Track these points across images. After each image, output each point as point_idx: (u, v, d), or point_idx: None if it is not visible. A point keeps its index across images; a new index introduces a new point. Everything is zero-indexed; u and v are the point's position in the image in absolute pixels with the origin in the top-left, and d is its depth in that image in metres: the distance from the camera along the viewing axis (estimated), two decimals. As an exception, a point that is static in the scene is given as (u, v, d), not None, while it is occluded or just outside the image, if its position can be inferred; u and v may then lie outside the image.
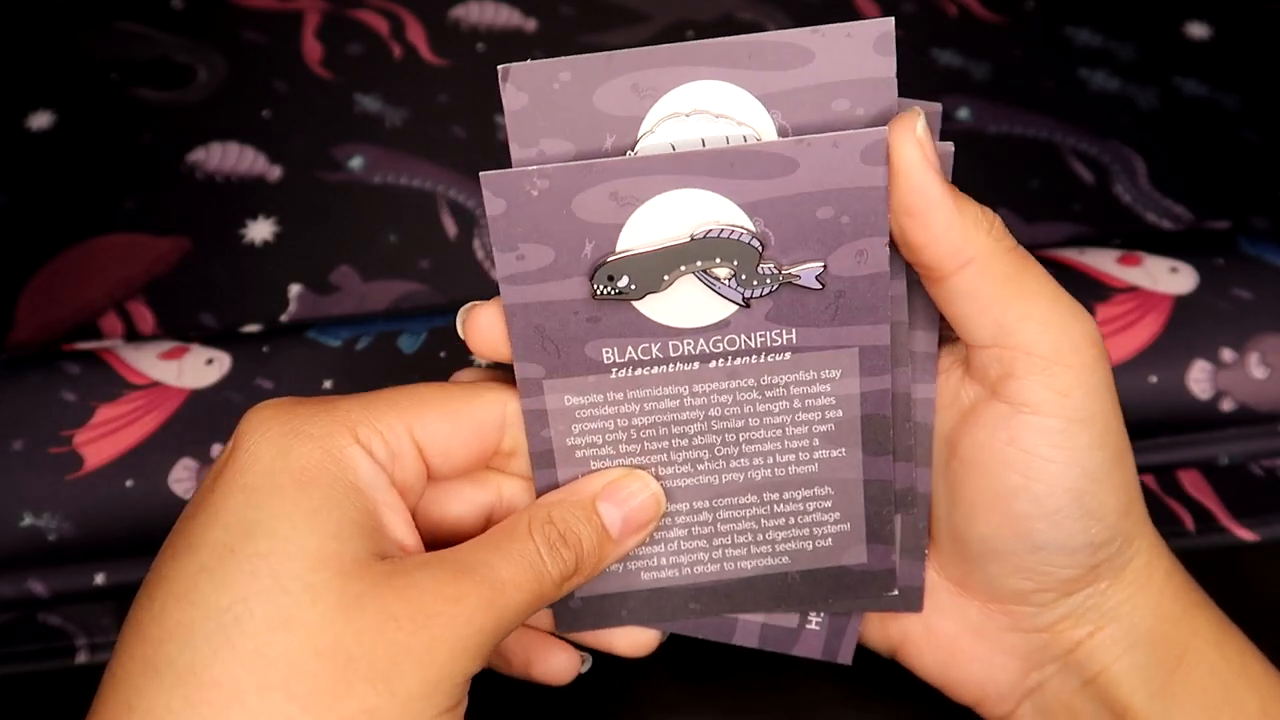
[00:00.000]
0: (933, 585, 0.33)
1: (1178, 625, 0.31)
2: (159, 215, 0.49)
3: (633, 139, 0.29)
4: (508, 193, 0.28)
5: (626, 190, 0.28)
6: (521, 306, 0.29)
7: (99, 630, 0.39)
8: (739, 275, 0.29)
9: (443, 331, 0.42)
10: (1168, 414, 0.42)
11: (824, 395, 0.31)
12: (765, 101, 0.28)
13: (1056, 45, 0.56)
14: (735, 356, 0.30)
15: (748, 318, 0.30)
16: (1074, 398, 0.29)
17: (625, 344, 0.30)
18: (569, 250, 0.29)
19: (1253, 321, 0.42)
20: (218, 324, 0.46)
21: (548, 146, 0.28)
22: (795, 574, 0.33)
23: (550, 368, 0.30)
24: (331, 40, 0.56)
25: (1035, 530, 0.30)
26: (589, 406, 0.31)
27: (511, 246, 0.28)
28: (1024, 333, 0.28)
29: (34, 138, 0.52)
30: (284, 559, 0.26)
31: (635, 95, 0.28)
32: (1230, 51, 0.56)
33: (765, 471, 0.32)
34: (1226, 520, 0.41)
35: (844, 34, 0.28)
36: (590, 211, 0.28)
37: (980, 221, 0.28)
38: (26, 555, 0.39)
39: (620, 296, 0.29)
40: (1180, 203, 0.50)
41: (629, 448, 0.31)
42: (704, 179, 0.28)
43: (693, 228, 0.29)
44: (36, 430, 0.39)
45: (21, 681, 0.37)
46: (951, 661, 0.33)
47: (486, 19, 0.57)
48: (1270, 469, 0.42)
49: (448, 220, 0.49)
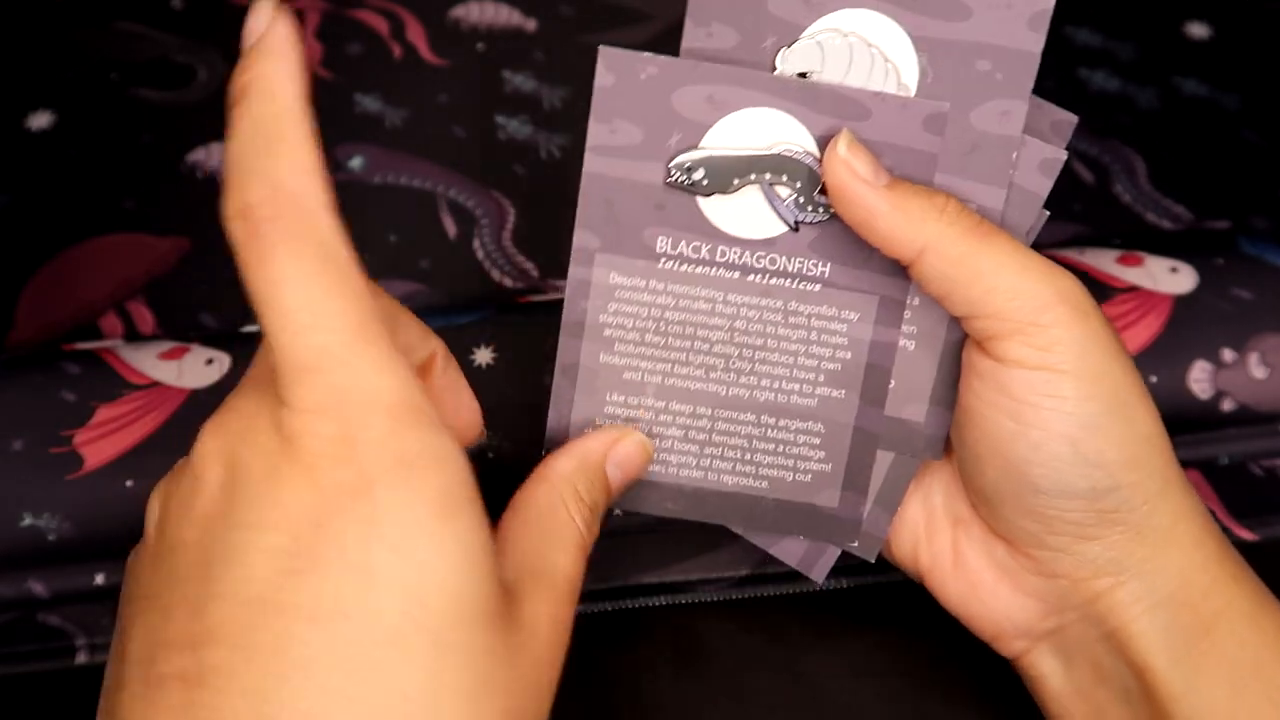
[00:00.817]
0: (969, 521, 0.34)
1: (1207, 595, 0.31)
2: (159, 215, 0.49)
3: (791, 40, 0.31)
4: (619, 69, 0.31)
5: (722, 96, 0.31)
6: (599, 177, 0.32)
7: (99, 630, 0.39)
8: (799, 198, 0.32)
9: (443, 331, 0.42)
10: (1168, 414, 0.41)
11: (839, 334, 0.33)
12: (918, 44, 0.31)
13: (1056, 45, 0.56)
14: (772, 276, 0.33)
15: (793, 241, 0.32)
16: (1055, 352, 0.30)
17: (680, 237, 0.32)
18: (658, 136, 0.31)
19: (1253, 321, 0.42)
20: (218, 324, 0.46)
21: (716, 31, 0.31)
22: (770, 500, 0.35)
23: (606, 242, 0.32)
24: (331, 40, 0.56)
25: (1034, 475, 0.31)
26: (630, 289, 0.33)
27: (607, 119, 0.31)
28: (993, 303, 0.30)
29: (34, 138, 0.52)
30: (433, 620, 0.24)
31: (804, 6, 0.31)
32: (1230, 51, 0.56)
33: (769, 395, 0.34)
34: (1226, 520, 0.41)
35: (1004, 2, 0.30)
36: (685, 106, 0.31)
37: (928, 211, 0.30)
38: (26, 555, 0.39)
39: (691, 189, 0.32)
40: (1180, 203, 0.50)
41: (653, 339, 0.33)
42: (791, 105, 0.31)
43: (769, 143, 0.31)
44: (36, 430, 0.39)
45: (21, 681, 0.37)
46: (973, 595, 0.34)
47: (486, 19, 0.57)
48: (1270, 469, 0.42)
49: (448, 220, 0.49)
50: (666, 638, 0.37)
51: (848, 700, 0.36)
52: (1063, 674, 0.33)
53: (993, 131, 0.31)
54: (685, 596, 0.37)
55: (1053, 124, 0.32)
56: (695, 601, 0.37)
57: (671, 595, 0.38)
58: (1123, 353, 0.31)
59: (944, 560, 0.34)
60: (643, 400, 0.34)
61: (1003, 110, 0.31)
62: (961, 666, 0.37)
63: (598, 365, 0.34)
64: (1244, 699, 0.30)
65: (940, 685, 0.37)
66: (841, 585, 0.39)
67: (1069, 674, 0.33)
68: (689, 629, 0.38)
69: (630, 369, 0.34)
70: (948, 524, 0.34)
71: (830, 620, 0.38)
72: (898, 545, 0.35)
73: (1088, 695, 0.32)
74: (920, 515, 0.35)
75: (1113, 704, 0.32)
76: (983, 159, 0.32)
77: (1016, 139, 0.31)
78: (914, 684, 0.37)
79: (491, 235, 0.49)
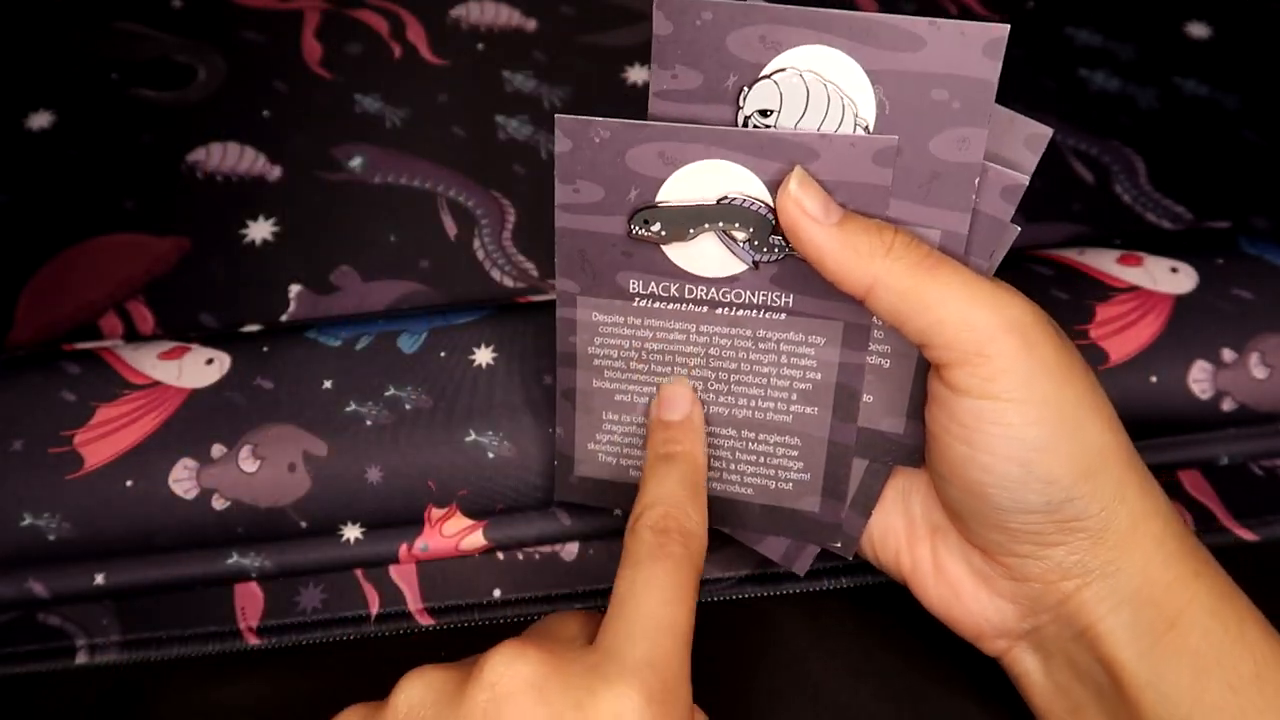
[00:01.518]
0: (945, 529, 0.35)
1: (1169, 591, 0.32)
2: (159, 215, 0.49)
3: (751, 80, 0.32)
4: (575, 135, 0.33)
5: (673, 152, 0.32)
6: (570, 231, 0.34)
7: (99, 630, 0.39)
8: (753, 240, 0.33)
9: (443, 331, 0.42)
10: (1168, 414, 0.42)
11: (807, 357, 0.35)
12: (873, 77, 0.31)
13: (1057, 45, 0.56)
14: (739, 308, 0.34)
15: (755, 277, 0.34)
16: (1000, 383, 0.31)
17: (649, 279, 0.35)
18: (617, 192, 0.33)
19: (1253, 321, 0.42)
20: (218, 324, 0.46)
21: (681, 73, 0.32)
22: (756, 506, 0.37)
23: (585, 286, 0.35)
24: (331, 40, 0.56)
25: (991, 494, 0.32)
26: (611, 324, 0.35)
27: (570, 180, 0.33)
28: (942, 334, 0.31)
29: (34, 138, 0.52)
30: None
31: (761, 45, 0.32)
32: (1230, 51, 0.56)
33: (747, 411, 0.36)
34: (1227, 520, 0.41)
35: (958, 31, 0.30)
36: (639, 164, 0.33)
37: (876, 249, 0.31)
38: (26, 555, 0.39)
39: (652, 239, 0.34)
40: (1180, 203, 0.50)
41: (638, 365, 0.36)
42: (737, 154, 0.32)
43: (720, 193, 0.33)
44: (36, 430, 0.39)
45: (21, 681, 0.37)
46: (954, 599, 0.35)
47: (486, 19, 0.57)
48: (1270, 469, 0.42)
49: (448, 220, 0.49)
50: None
51: (848, 700, 0.37)
52: (1042, 671, 0.34)
53: (952, 159, 0.32)
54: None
55: (1027, 138, 0.32)
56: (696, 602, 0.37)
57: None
58: (1075, 374, 0.32)
59: (925, 566, 0.36)
60: (634, 417, 0.37)
61: (961, 138, 0.31)
62: (960, 667, 0.37)
63: (592, 389, 0.36)
64: (1206, 688, 0.31)
65: (940, 685, 0.37)
66: (841, 585, 0.40)
67: (1048, 671, 0.34)
68: (689, 629, 0.38)
69: (620, 391, 0.36)
70: (926, 532, 0.36)
71: (830, 620, 0.38)
72: (883, 552, 0.37)
73: (1066, 691, 0.34)
74: (901, 524, 0.36)
75: (1088, 699, 0.33)
76: (944, 186, 0.32)
77: (977, 165, 0.32)
78: (914, 684, 0.37)
79: (491, 235, 0.49)
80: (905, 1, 0.58)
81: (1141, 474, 0.33)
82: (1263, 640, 0.32)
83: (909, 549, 0.36)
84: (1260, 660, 0.31)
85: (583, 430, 0.37)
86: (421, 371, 0.41)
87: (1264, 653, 0.31)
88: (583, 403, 0.37)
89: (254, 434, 0.39)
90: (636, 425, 0.37)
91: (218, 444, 0.39)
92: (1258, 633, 0.32)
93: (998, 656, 0.35)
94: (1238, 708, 0.31)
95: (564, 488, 0.38)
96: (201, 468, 0.39)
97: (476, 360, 0.41)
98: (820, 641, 0.38)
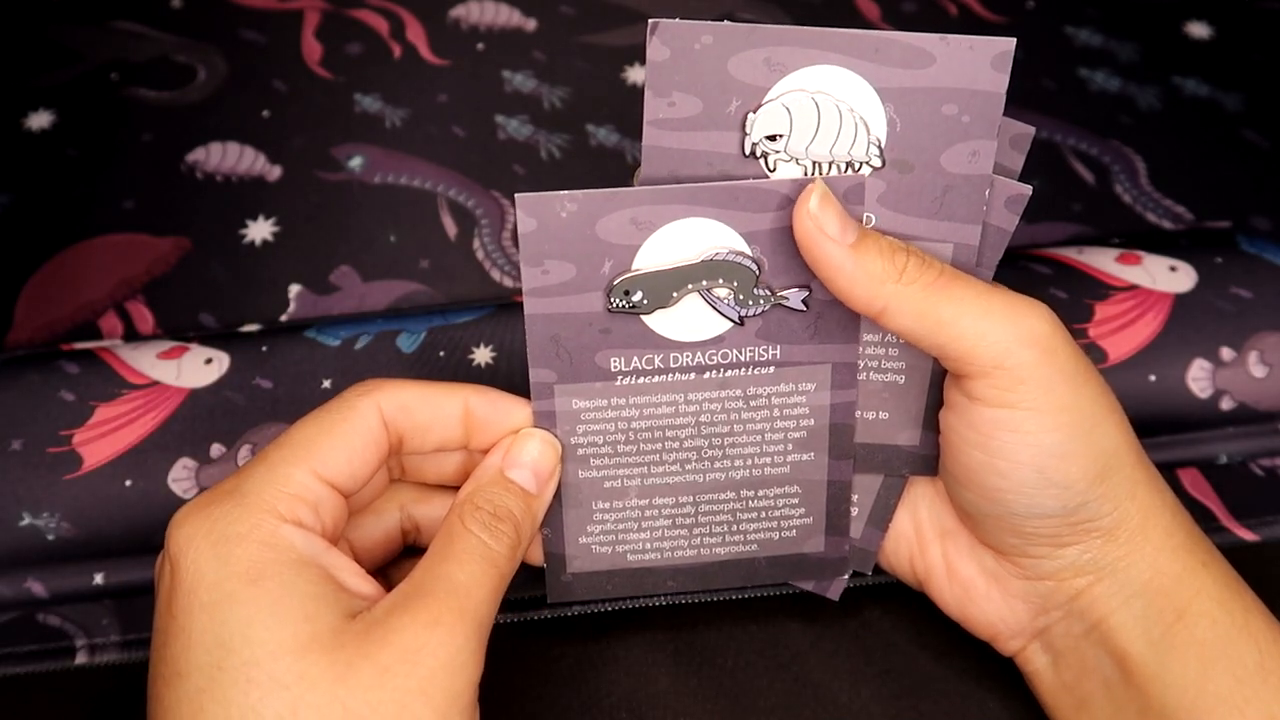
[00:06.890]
0: (955, 533, 0.36)
1: (1178, 582, 0.32)
2: (159, 215, 0.49)
3: (757, 104, 0.31)
4: (539, 213, 0.31)
5: (645, 216, 0.31)
6: (542, 318, 0.32)
7: (98, 630, 0.39)
8: (738, 295, 0.32)
9: (442, 331, 0.42)
10: (1167, 412, 0.42)
11: (800, 405, 0.34)
12: (882, 95, 0.31)
13: (1057, 45, 0.56)
14: (727, 369, 0.33)
15: (740, 334, 0.33)
16: (1018, 392, 0.31)
17: (632, 354, 0.33)
18: (590, 267, 0.31)
19: (1252, 320, 0.42)
20: (217, 324, 0.46)
21: (679, 100, 0.31)
22: (762, 559, 0.36)
23: (562, 374, 0.33)
24: (331, 40, 0.56)
25: (1006, 499, 0.32)
26: (593, 410, 0.33)
27: (538, 262, 0.31)
28: (958, 349, 0.31)
29: (34, 138, 0.52)
30: (269, 658, 0.28)
31: (766, 68, 0.31)
32: (1231, 51, 0.56)
33: (744, 471, 0.35)
34: (1227, 520, 0.41)
35: (966, 45, 0.30)
36: (611, 233, 0.31)
37: (889, 274, 0.31)
38: (26, 555, 0.39)
39: (633, 310, 0.32)
40: (1180, 203, 0.50)
41: (626, 448, 0.34)
42: (711, 210, 0.31)
43: (701, 252, 0.32)
44: (35, 430, 0.39)
45: (21, 681, 0.37)
46: (969, 600, 0.35)
47: (486, 19, 0.57)
48: (1270, 469, 0.42)
49: (448, 220, 0.49)
50: (666, 638, 0.37)
51: (848, 700, 0.36)
52: (1052, 669, 0.34)
53: (964, 172, 0.32)
54: (686, 596, 0.37)
55: (1012, 138, 0.32)
56: (695, 601, 0.37)
57: (672, 595, 0.38)
58: (1090, 378, 0.32)
59: (938, 569, 0.36)
60: (627, 502, 0.35)
61: (972, 151, 0.31)
62: (960, 667, 0.37)
63: (579, 481, 0.35)
64: (1212, 676, 0.31)
65: (940, 685, 0.37)
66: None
67: (1057, 668, 0.34)
68: (689, 629, 0.38)
69: (610, 479, 0.35)
70: (935, 536, 0.36)
71: (830, 620, 0.38)
72: (895, 559, 0.37)
73: (1073, 687, 0.34)
74: (909, 529, 0.36)
75: (1096, 694, 0.33)
76: (956, 199, 0.32)
77: (987, 177, 0.32)
78: (914, 684, 0.37)
79: (491, 235, 0.49)
80: (905, 1, 0.58)
81: (1149, 470, 0.33)
82: (1267, 630, 0.32)
83: (921, 554, 0.36)
84: (1264, 650, 0.32)
85: (572, 526, 0.35)
86: (421, 371, 0.41)
87: (1268, 643, 0.32)
88: (570, 497, 0.35)
89: (253, 433, 0.39)
90: (630, 508, 0.35)
91: (217, 444, 0.39)
92: (1262, 623, 0.32)
93: (1013, 656, 0.35)
94: (1242, 698, 0.31)
95: (557, 589, 0.36)
96: (201, 467, 0.39)
97: (476, 360, 0.41)
98: (820, 641, 0.38)
